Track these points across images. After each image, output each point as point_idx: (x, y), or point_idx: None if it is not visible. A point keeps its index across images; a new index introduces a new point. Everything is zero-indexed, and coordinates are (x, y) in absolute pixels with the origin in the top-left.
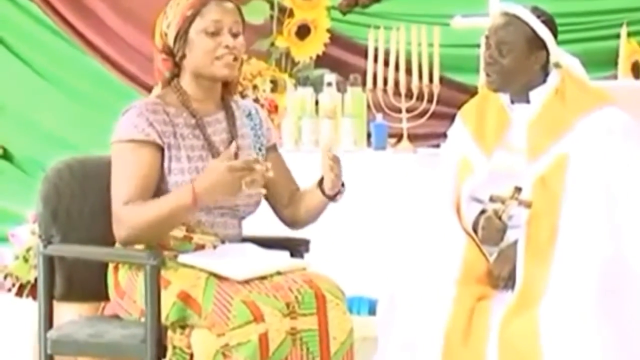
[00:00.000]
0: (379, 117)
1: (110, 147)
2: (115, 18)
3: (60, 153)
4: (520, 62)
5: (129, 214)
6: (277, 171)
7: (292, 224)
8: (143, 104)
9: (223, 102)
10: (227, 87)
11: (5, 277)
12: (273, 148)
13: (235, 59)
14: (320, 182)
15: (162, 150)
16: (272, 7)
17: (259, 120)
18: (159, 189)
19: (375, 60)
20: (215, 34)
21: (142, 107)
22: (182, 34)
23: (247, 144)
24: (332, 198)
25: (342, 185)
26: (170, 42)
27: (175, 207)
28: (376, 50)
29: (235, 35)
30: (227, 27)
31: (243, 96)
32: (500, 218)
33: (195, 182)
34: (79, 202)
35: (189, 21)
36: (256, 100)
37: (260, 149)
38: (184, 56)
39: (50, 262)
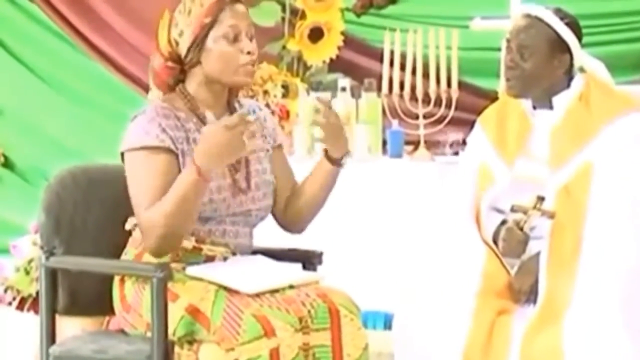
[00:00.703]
0: (395, 123)
1: (121, 156)
2: (120, 19)
3: (63, 161)
4: (543, 67)
5: (152, 215)
6: (280, 172)
7: (294, 223)
8: (153, 108)
9: (228, 104)
10: (233, 89)
11: (5, 290)
12: (279, 148)
13: (254, 65)
14: (325, 151)
15: (176, 156)
16: (283, 9)
17: (263, 119)
18: None
19: (391, 64)
20: (235, 39)
21: (153, 112)
22: (199, 42)
23: (256, 144)
24: (339, 163)
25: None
26: (183, 50)
27: (185, 187)
28: (392, 53)
29: (251, 39)
30: (244, 31)
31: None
32: (521, 229)
33: (194, 154)
34: (82, 212)
35: (207, 29)
36: (267, 107)
37: (267, 150)
38: (197, 63)
39: (52, 275)
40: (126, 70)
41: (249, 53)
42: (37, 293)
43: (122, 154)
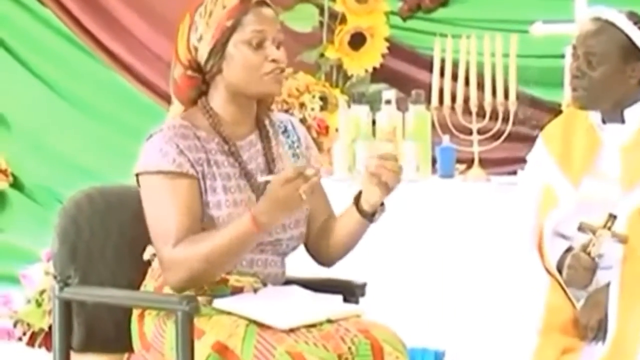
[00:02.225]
0: (446, 139)
1: (136, 179)
2: (142, 24)
3: (78, 181)
4: (613, 76)
5: (183, 255)
6: (313, 197)
7: (324, 258)
8: (171, 127)
9: (257, 120)
10: (262, 102)
11: (15, 324)
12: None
13: (282, 71)
14: (358, 199)
15: (197, 180)
16: (321, 13)
17: (296, 137)
18: None
19: (442, 73)
20: (259, 46)
21: (170, 132)
22: (220, 48)
23: (286, 167)
24: (370, 216)
25: (382, 204)
26: (203, 57)
27: (236, 236)
28: (443, 61)
29: (278, 46)
30: (271, 37)
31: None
32: (589, 254)
33: (253, 207)
34: (100, 239)
35: (228, 33)
36: (303, 121)
37: None
38: (218, 72)
39: (67, 307)
40: (148, 81)
41: (274, 61)
42: (50, 327)
43: (137, 176)
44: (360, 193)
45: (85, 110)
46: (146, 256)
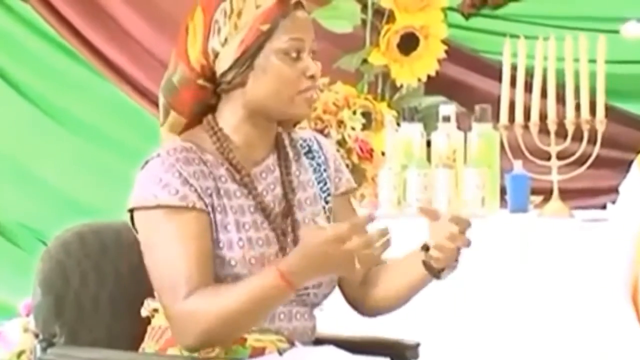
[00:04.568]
0: (518, 165)
1: (130, 217)
2: (144, 26)
3: (67, 218)
4: None
5: (197, 309)
6: None
7: (367, 308)
8: (171, 151)
9: (275, 140)
10: (287, 122)
11: None
12: (343, 196)
13: (315, 91)
14: (424, 249)
15: (206, 214)
16: (364, 9)
17: (323, 159)
18: None
19: (513, 83)
20: (296, 56)
21: (171, 157)
22: (248, 57)
23: (310, 197)
24: (438, 273)
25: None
26: (223, 65)
27: (260, 292)
28: (514, 68)
29: (312, 57)
30: (308, 46)
31: (323, 136)
32: None
33: (283, 262)
34: (93, 288)
35: (263, 39)
36: (341, 143)
37: (326, 200)
38: (239, 85)
39: None
40: (153, 95)
41: (311, 77)
42: None
43: (131, 212)
44: (427, 246)
45: (77, 131)
46: (144, 312)
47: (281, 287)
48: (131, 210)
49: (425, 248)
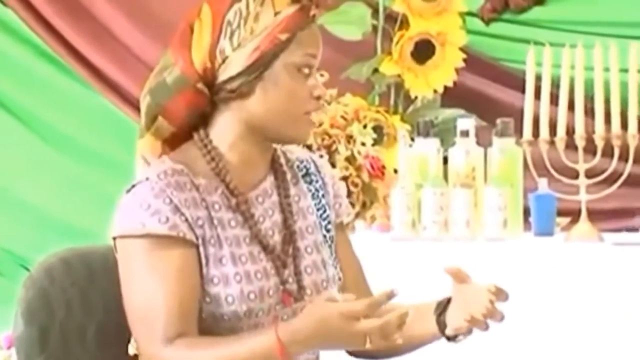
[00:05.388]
0: (543, 184)
1: (113, 244)
2: (135, 31)
3: (52, 242)
4: None
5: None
6: (345, 266)
7: (368, 353)
8: (161, 174)
9: (271, 159)
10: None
11: None
12: (340, 227)
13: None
14: (441, 307)
15: (196, 248)
16: (375, 14)
17: (321, 183)
18: None
19: (538, 95)
20: (308, 74)
21: (162, 181)
22: (262, 65)
23: (311, 225)
24: (453, 338)
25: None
26: (231, 70)
27: (252, 353)
28: (539, 79)
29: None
30: (317, 64)
31: (331, 153)
32: None
33: (285, 327)
34: (79, 318)
35: (280, 49)
36: (351, 160)
37: (327, 229)
38: (242, 96)
39: None
40: None
41: (319, 98)
42: None
43: (114, 240)
44: (447, 301)
45: (62, 146)
46: (132, 350)
47: (274, 356)
48: (114, 238)
49: (443, 307)
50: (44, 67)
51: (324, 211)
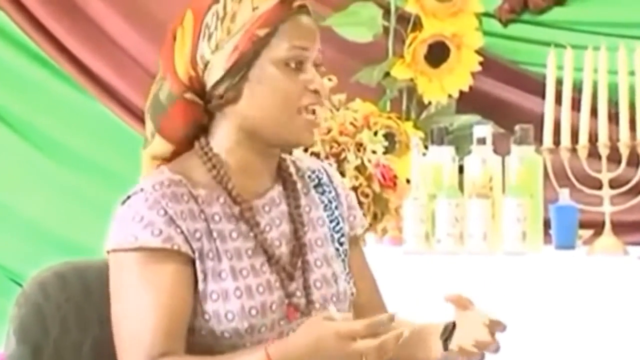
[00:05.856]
0: (565, 195)
1: (107, 257)
2: (133, 33)
3: (46, 256)
4: None
5: None
6: (358, 280)
7: None
8: (157, 184)
9: (279, 168)
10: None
11: None
12: (354, 240)
13: (318, 114)
14: (447, 332)
15: (192, 262)
16: (386, 15)
17: (334, 194)
18: (191, 328)
19: (559, 100)
20: (298, 67)
21: (157, 192)
22: (243, 66)
23: (321, 237)
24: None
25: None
26: (214, 76)
27: None
28: (559, 83)
29: (317, 68)
30: (312, 57)
31: (339, 161)
32: None
33: (279, 344)
34: (74, 335)
35: (260, 46)
36: (360, 169)
37: (340, 242)
38: (231, 101)
39: None
40: (143, 113)
41: (315, 92)
42: None
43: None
44: (453, 325)
45: (56, 156)
46: None
47: None
48: (108, 252)
49: (449, 331)
50: (34, 70)
51: (337, 223)
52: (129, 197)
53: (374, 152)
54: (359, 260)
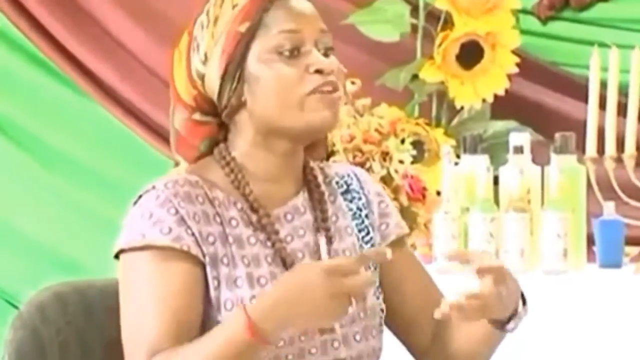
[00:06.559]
0: (610, 208)
1: (117, 259)
2: (141, 34)
3: (45, 275)
4: None
5: None
6: (410, 283)
7: None
8: (170, 183)
9: (304, 174)
10: (314, 148)
11: None
12: (398, 243)
13: (334, 89)
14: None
15: (202, 266)
16: (414, 12)
17: (364, 201)
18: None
19: (603, 105)
20: (293, 53)
21: (169, 190)
22: (235, 67)
23: (349, 247)
24: (503, 326)
25: (524, 302)
26: (214, 86)
27: (225, 346)
28: (604, 86)
29: (326, 53)
30: (311, 39)
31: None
32: None
33: (258, 299)
34: (75, 359)
35: (245, 42)
36: (387, 180)
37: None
38: (239, 106)
39: None
40: (150, 119)
41: (318, 71)
42: None
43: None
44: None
45: (55, 165)
46: None
47: (245, 338)
48: (117, 255)
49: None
50: (34, 73)
51: (367, 233)
52: (140, 197)
53: (401, 161)
54: (411, 262)
